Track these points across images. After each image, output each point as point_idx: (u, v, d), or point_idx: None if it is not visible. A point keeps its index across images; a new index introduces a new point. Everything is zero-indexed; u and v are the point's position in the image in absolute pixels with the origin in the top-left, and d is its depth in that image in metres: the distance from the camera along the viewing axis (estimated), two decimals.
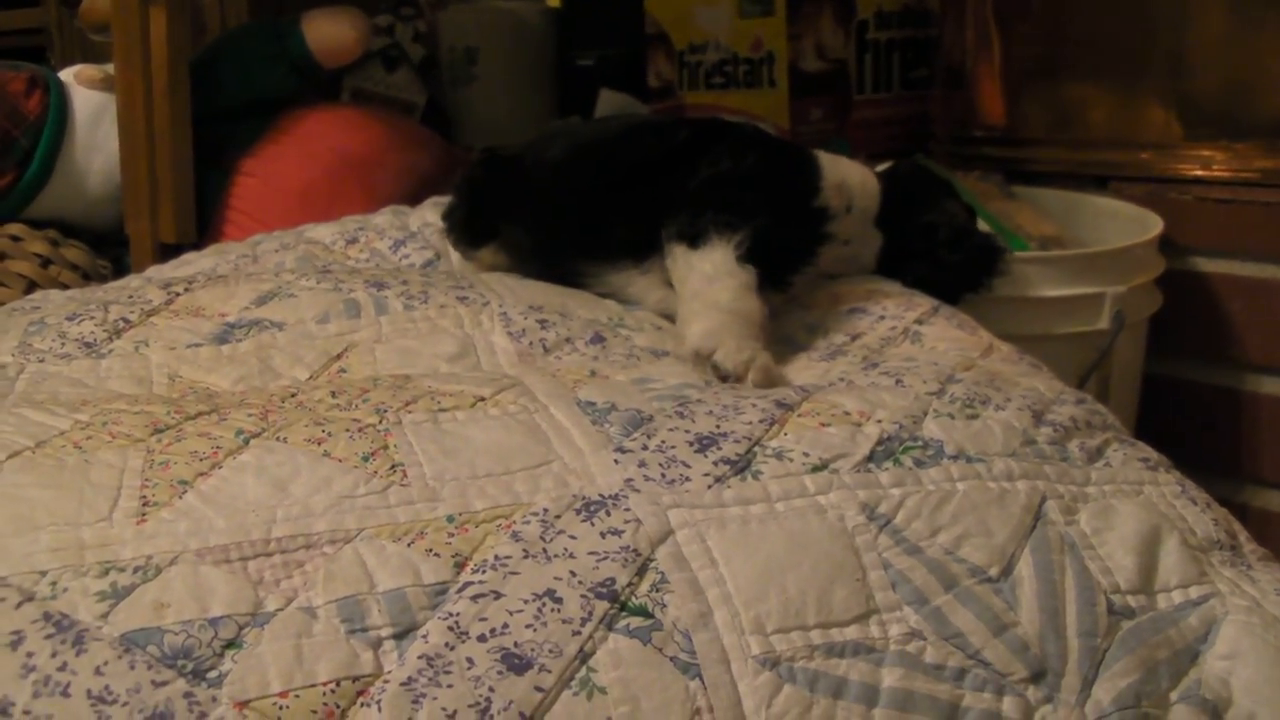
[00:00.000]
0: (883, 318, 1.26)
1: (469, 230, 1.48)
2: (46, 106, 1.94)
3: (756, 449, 0.90)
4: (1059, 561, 0.85)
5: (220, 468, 0.83)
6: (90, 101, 1.99)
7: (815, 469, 0.88)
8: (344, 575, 0.75)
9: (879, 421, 0.94)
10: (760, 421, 0.93)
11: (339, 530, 0.78)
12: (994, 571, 0.83)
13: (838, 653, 0.76)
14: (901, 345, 1.20)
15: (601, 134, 1.49)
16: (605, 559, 0.78)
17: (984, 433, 0.95)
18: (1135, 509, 0.92)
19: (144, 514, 0.79)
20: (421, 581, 0.75)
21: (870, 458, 0.90)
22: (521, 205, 1.44)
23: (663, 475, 0.86)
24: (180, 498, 0.80)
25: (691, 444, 0.89)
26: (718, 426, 0.92)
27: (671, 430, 0.91)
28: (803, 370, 1.16)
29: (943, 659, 0.78)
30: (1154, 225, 1.58)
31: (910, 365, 1.09)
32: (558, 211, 1.39)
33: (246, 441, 0.87)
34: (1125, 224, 1.63)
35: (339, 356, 1.12)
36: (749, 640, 0.75)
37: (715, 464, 0.87)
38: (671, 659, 0.74)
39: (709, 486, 0.85)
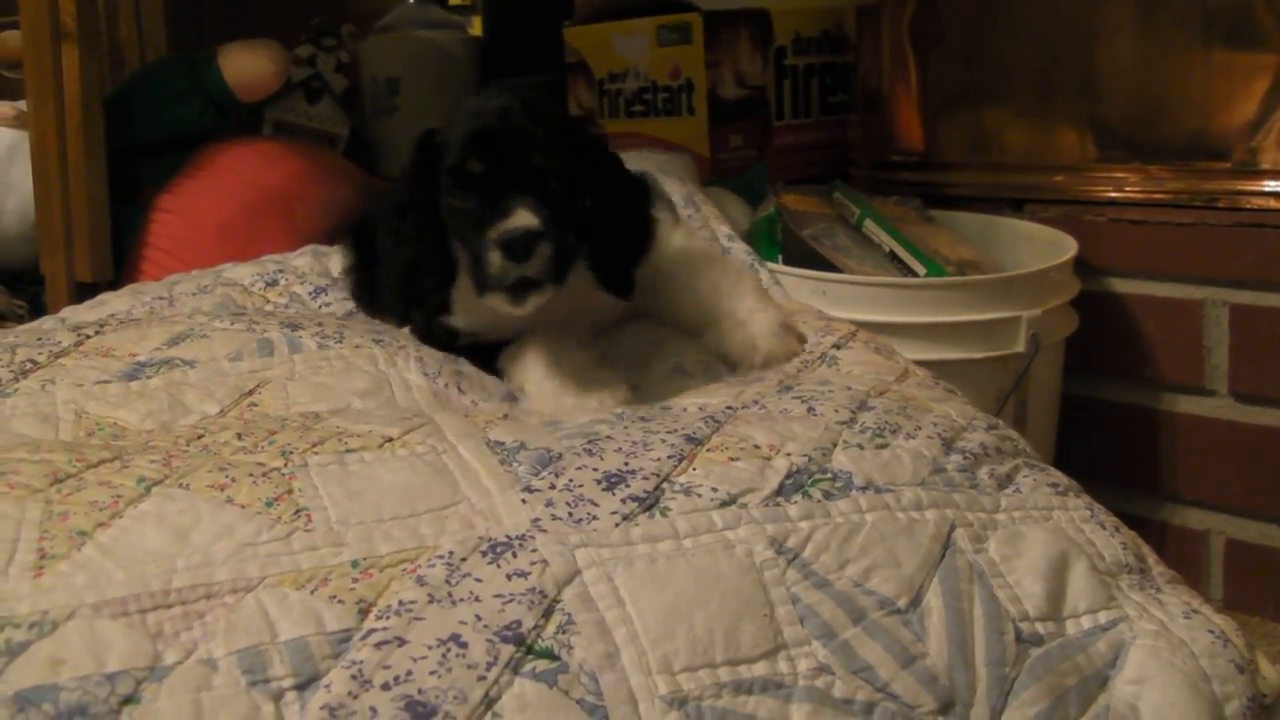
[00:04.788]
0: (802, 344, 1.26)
1: (367, 298, 1.43)
2: None
3: (665, 485, 0.90)
4: (967, 590, 0.86)
5: (121, 517, 0.82)
6: (3, 139, 1.97)
7: (724, 504, 0.88)
8: (245, 625, 0.74)
9: (788, 454, 0.95)
10: (669, 457, 0.93)
11: (240, 579, 0.77)
12: (902, 603, 0.84)
13: (746, 689, 0.76)
14: (818, 369, 1.20)
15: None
16: (511, 601, 0.77)
17: (893, 462, 0.96)
18: (1044, 535, 0.93)
19: (41, 567, 0.77)
20: (324, 629, 0.75)
21: (779, 491, 0.90)
22: None
23: (570, 514, 0.85)
24: (79, 549, 0.79)
25: (600, 482, 0.89)
26: (626, 463, 0.92)
27: (580, 468, 0.91)
28: (718, 390, 1.14)
29: (851, 693, 0.78)
30: (1069, 247, 1.60)
31: (824, 390, 1.09)
32: None
33: (148, 489, 0.85)
34: (1041, 246, 1.65)
35: (251, 392, 1.11)
36: (656, 680, 0.75)
37: (623, 501, 0.87)
38: (578, 701, 0.73)
39: (616, 525, 0.85)
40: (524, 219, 1.06)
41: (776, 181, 1.81)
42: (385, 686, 0.72)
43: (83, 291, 1.82)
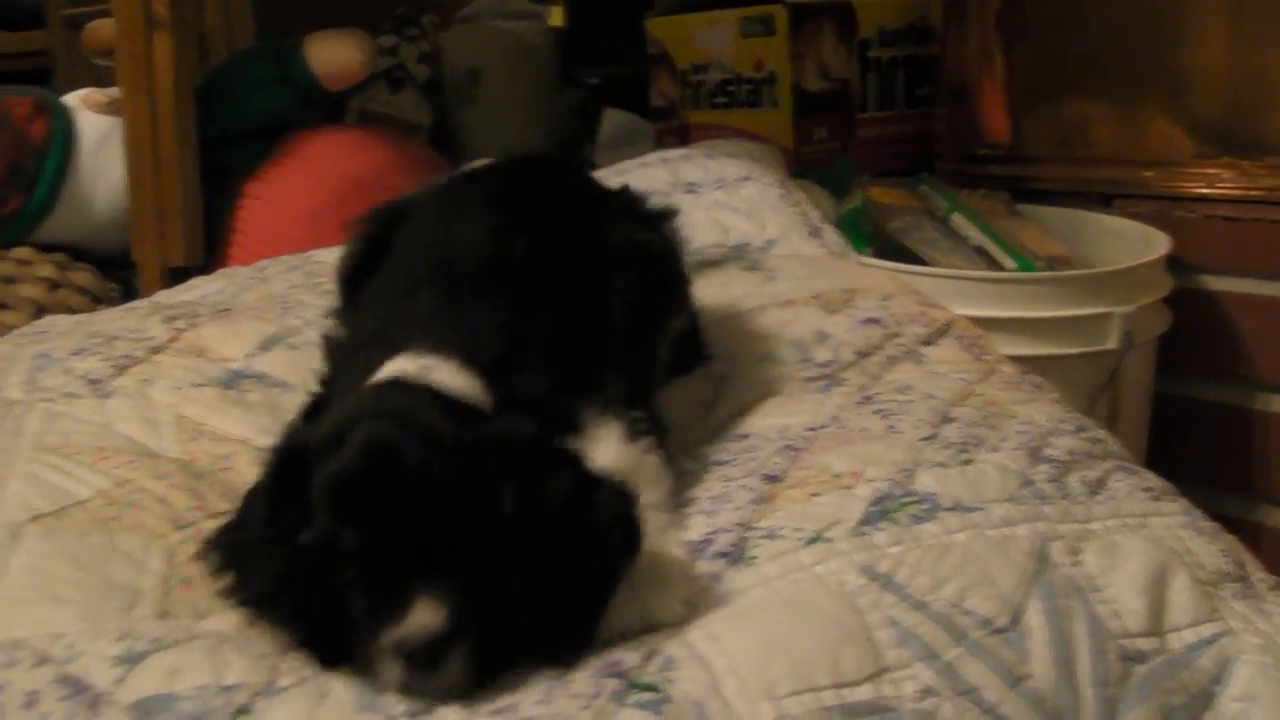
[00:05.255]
0: (895, 335, 1.24)
1: None
2: (51, 131, 1.95)
3: (748, 534, 0.90)
4: (1066, 607, 0.85)
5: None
6: (98, 126, 2.00)
7: (810, 542, 0.88)
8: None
9: (870, 480, 0.94)
10: (750, 502, 0.93)
11: None
12: (1002, 621, 0.83)
13: (853, 713, 0.75)
14: (902, 365, 1.18)
15: None
16: (610, 647, 0.79)
17: (979, 479, 0.95)
18: (1141, 545, 0.91)
19: (165, 613, 0.82)
20: None
21: (865, 520, 0.90)
22: None
23: None
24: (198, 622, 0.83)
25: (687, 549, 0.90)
26: (709, 524, 0.92)
27: None
28: (797, 402, 1.12)
29: (959, 715, 0.77)
30: (1160, 244, 1.58)
31: (904, 401, 1.08)
32: None
33: None
34: (1131, 243, 1.63)
35: None
36: (762, 706, 0.75)
37: (710, 561, 0.88)
38: None
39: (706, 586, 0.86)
40: (426, 616, 0.74)
41: (862, 174, 1.80)
42: (494, 713, 0.73)
43: (174, 276, 1.84)
